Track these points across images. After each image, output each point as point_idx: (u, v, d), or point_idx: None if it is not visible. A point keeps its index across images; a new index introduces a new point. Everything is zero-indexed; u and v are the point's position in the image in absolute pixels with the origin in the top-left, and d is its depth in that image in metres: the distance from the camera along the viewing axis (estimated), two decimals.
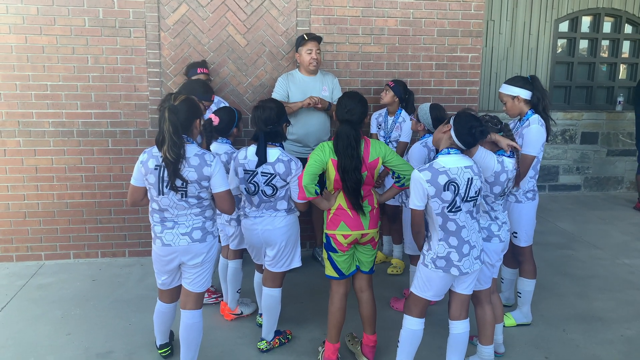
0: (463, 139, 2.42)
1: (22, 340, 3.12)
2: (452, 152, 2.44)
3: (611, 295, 3.80)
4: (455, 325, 2.62)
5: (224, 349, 3.05)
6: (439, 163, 2.42)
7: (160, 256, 2.60)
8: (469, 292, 2.60)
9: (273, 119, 2.80)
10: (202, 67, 3.99)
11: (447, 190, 2.38)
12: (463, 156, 2.46)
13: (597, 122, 6.74)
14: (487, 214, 2.72)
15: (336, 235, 2.68)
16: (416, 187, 2.42)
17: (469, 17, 4.49)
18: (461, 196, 2.41)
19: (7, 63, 4.03)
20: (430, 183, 2.38)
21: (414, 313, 2.59)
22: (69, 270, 4.17)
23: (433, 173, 2.39)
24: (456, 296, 2.61)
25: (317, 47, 4.01)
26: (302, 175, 2.61)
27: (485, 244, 2.70)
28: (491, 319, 2.78)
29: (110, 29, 4.09)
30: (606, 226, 5.46)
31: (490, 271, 2.76)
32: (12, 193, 4.20)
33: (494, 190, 2.65)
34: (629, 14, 6.77)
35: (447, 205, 2.40)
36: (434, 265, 2.49)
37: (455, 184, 2.39)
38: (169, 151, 2.34)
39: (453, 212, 2.42)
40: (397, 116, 4.06)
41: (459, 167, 2.41)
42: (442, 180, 2.38)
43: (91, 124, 4.19)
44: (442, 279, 2.51)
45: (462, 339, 2.61)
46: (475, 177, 2.44)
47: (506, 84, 3.14)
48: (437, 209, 2.42)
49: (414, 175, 2.44)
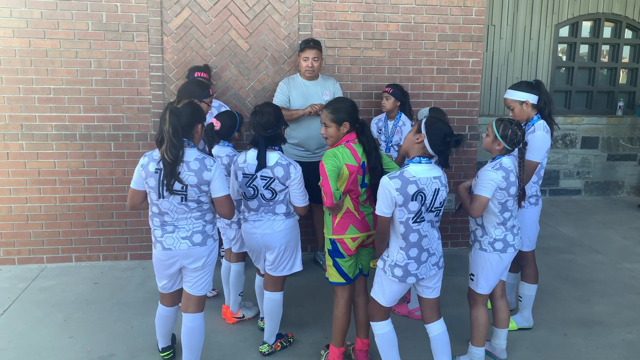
0: (437, 149, 2.43)
1: (24, 343, 3.13)
2: (423, 161, 2.44)
3: (612, 300, 3.81)
4: (430, 328, 2.65)
5: (226, 352, 3.06)
6: (410, 172, 2.40)
7: (161, 260, 2.60)
8: (435, 296, 2.62)
9: (272, 122, 2.81)
10: (201, 71, 4.00)
11: (414, 200, 2.38)
12: (433, 166, 2.47)
13: (598, 126, 6.77)
14: (502, 225, 2.72)
15: (345, 239, 2.68)
16: (384, 193, 2.40)
17: (470, 22, 4.51)
18: (427, 206, 2.42)
19: (10, 66, 4.05)
20: (399, 192, 2.37)
21: (378, 318, 2.63)
22: (71, 274, 4.18)
23: (403, 182, 2.38)
24: (424, 301, 2.65)
25: (314, 55, 3.97)
26: (327, 183, 2.55)
27: (502, 254, 2.73)
28: (485, 321, 2.80)
29: (113, 33, 4.11)
30: (607, 231, 5.47)
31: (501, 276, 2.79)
32: (15, 196, 4.22)
33: (511, 192, 2.67)
34: (629, 19, 6.80)
35: (412, 216, 2.40)
36: (391, 274, 2.50)
37: (423, 194, 2.39)
38: (167, 152, 2.35)
39: (417, 222, 2.42)
40: (397, 120, 4.08)
41: (428, 177, 2.41)
42: (411, 190, 2.37)
43: (94, 127, 4.21)
44: (397, 286, 2.54)
45: (441, 338, 2.63)
46: (442, 188, 2.46)
47: (512, 89, 3.14)
48: (402, 218, 2.41)
49: (383, 182, 2.42)
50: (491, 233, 2.74)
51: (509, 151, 2.69)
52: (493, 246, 2.73)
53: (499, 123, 2.68)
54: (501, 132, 2.65)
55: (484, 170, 2.68)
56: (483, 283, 2.79)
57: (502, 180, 2.62)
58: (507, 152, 2.70)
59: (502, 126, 2.66)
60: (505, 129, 2.64)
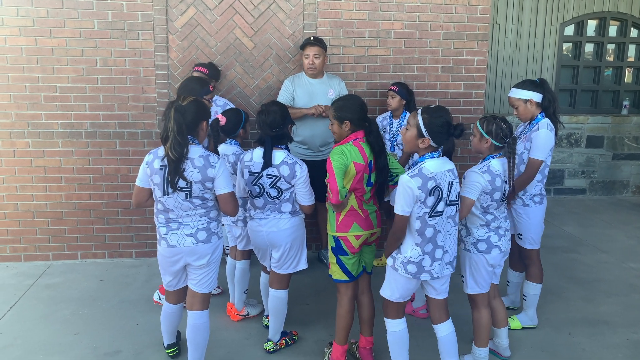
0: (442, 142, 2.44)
1: (31, 339, 3.15)
2: (435, 155, 2.44)
3: (617, 299, 3.80)
4: (439, 329, 2.64)
5: (231, 350, 3.07)
6: (427, 168, 2.39)
7: (165, 257, 2.62)
8: (444, 296, 2.61)
9: (278, 121, 2.82)
10: (199, 65, 4.02)
11: (431, 195, 2.38)
12: (445, 159, 2.48)
13: (603, 125, 6.74)
14: (485, 226, 2.72)
15: (348, 237, 2.68)
16: (406, 192, 2.38)
17: (475, 21, 4.51)
18: (444, 200, 2.42)
19: (17, 65, 4.07)
20: (420, 190, 2.36)
21: (391, 315, 2.62)
22: (77, 271, 4.21)
23: (423, 179, 2.37)
24: (432, 301, 2.63)
25: (314, 52, 3.96)
26: (334, 180, 2.54)
27: (486, 255, 2.72)
28: (487, 323, 2.79)
29: (119, 31, 4.13)
30: (612, 230, 5.45)
31: (489, 276, 2.78)
32: (21, 193, 4.24)
33: (494, 197, 2.65)
34: (635, 17, 6.77)
35: (429, 211, 2.40)
36: (404, 270, 2.48)
37: (439, 188, 2.39)
38: (172, 149, 2.36)
39: (433, 217, 2.42)
40: (402, 119, 4.08)
41: (442, 172, 2.42)
42: (430, 186, 2.37)
43: (99, 125, 4.23)
44: (410, 283, 2.52)
45: (449, 339, 2.62)
46: (455, 180, 2.47)
47: (517, 88, 3.14)
48: (419, 213, 2.41)
49: (403, 181, 2.40)
50: (474, 233, 2.73)
51: (499, 148, 2.66)
52: (476, 247, 2.73)
53: (482, 120, 2.67)
54: (486, 128, 2.63)
55: (471, 172, 2.66)
56: (471, 283, 2.77)
57: (487, 185, 2.60)
58: (497, 149, 2.67)
59: (485, 122, 2.64)
60: (489, 125, 2.62)
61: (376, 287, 2.78)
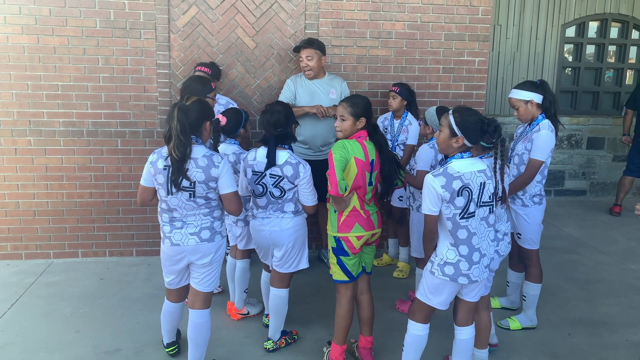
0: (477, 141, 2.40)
1: (31, 337, 3.16)
2: (465, 156, 2.39)
3: (617, 300, 3.80)
4: (461, 332, 2.61)
5: (231, 349, 3.08)
6: (453, 168, 2.36)
7: (169, 256, 2.63)
8: (476, 300, 2.58)
9: (282, 121, 2.82)
10: (202, 65, 4.03)
11: (460, 196, 2.33)
12: (476, 160, 2.43)
13: (604, 127, 6.74)
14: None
15: (350, 237, 2.69)
16: (430, 192, 2.36)
17: (476, 22, 4.51)
18: (475, 202, 2.37)
19: (19, 63, 4.08)
20: (444, 189, 2.33)
21: (418, 318, 2.56)
22: (77, 269, 4.21)
23: (447, 178, 2.34)
24: (463, 303, 2.58)
25: (306, 54, 3.96)
26: (334, 173, 2.54)
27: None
28: (487, 325, 2.78)
29: (121, 30, 4.14)
30: (612, 231, 5.46)
31: (489, 279, 2.78)
32: (22, 192, 4.25)
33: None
34: (636, 19, 6.76)
35: (459, 212, 2.35)
36: (442, 273, 2.42)
37: (468, 189, 2.34)
38: (175, 149, 2.38)
39: (465, 218, 2.37)
40: (403, 119, 4.08)
41: (472, 172, 2.37)
42: (456, 186, 2.33)
43: (101, 124, 4.24)
44: (449, 288, 2.45)
45: (468, 344, 2.61)
46: (488, 181, 2.41)
47: (517, 89, 3.14)
48: (449, 214, 2.37)
49: (427, 180, 2.38)
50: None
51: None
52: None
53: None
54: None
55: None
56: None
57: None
58: (484, 150, 2.56)
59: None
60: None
61: (376, 287, 2.78)
